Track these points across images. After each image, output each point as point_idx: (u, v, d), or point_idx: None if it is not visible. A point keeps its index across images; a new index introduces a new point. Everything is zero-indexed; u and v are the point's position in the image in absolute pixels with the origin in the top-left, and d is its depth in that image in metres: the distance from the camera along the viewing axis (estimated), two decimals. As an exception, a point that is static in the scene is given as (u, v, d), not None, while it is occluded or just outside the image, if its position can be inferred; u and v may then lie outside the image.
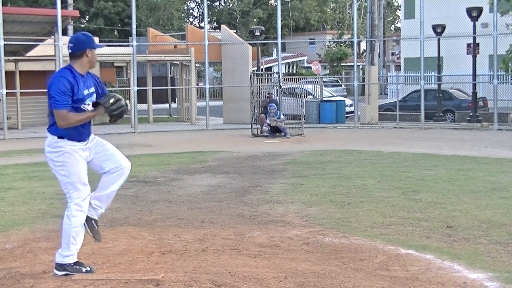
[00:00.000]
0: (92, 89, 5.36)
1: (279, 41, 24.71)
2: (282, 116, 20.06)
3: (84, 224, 5.41)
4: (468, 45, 27.93)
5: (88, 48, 5.26)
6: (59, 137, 5.23)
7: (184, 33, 29.82)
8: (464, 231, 6.99)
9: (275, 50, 50.57)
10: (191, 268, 5.53)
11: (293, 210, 8.30)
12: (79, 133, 5.29)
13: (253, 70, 24.71)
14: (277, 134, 19.95)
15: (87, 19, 53.72)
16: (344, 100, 27.38)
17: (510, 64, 22.27)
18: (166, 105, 33.36)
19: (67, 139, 5.23)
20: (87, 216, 5.43)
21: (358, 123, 23.79)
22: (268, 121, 19.92)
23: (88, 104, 5.31)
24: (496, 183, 10.19)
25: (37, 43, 24.52)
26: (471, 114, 22.99)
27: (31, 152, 16.39)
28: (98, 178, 5.55)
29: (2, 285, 5.18)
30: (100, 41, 32.94)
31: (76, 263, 5.34)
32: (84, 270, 5.33)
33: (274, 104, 20.10)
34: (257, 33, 26.60)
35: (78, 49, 5.24)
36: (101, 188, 5.49)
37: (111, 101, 5.29)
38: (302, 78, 39.48)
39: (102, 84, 5.57)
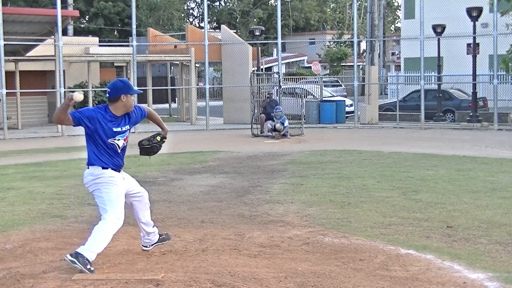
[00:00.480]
0: (126, 127, 5.77)
1: (279, 41, 24.71)
2: (286, 122, 19.90)
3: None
4: (468, 45, 27.94)
5: (123, 94, 5.64)
6: (103, 168, 5.63)
7: (184, 33, 29.81)
8: (464, 231, 6.99)
9: (275, 50, 50.56)
10: (191, 268, 5.54)
11: (293, 210, 8.30)
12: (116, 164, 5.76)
13: (253, 70, 24.70)
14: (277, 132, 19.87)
15: (87, 19, 53.71)
16: (344, 100, 27.37)
17: (510, 64, 22.26)
18: (166, 105, 33.35)
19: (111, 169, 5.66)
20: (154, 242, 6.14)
21: (358, 123, 23.78)
22: (270, 125, 19.76)
23: (119, 140, 5.73)
24: (496, 183, 10.19)
25: (37, 43, 24.52)
26: (471, 114, 22.98)
27: (31, 152, 16.39)
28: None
29: (2, 285, 5.18)
30: (100, 41, 33.00)
31: (88, 260, 5.41)
32: (88, 267, 5.39)
33: (280, 107, 19.98)
34: (257, 33, 26.60)
35: (114, 94, 5.64)
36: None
37: (145, 141, 6.17)
38: (302, 78, 39.47)
39: (136, 111, 5.90)
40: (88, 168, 5.67)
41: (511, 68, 22.39)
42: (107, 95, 5.68)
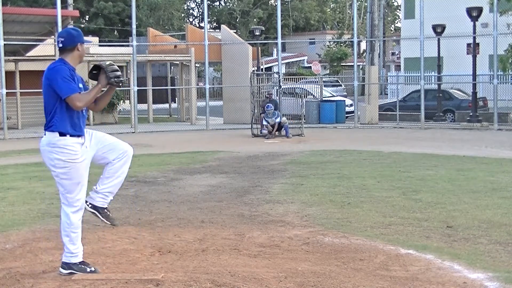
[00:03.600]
0: (81, 85, 5.35)
1: (279, 41, 24.71)
2: (283, 118, 19.97)
3: (97, 214, 5.48)
4: (468, 45, 27.96)
5: (79, 42, 5.31)
6: (60, 134, 5.17)
7: (184, 33, 29.82)
8: (464, 231, 6.98)
9: (275, 50, 50.55)
10: (191, 268, 5.53)
11: (293, 210, 8.30)
12: (76, 127, 5.24)
13: (253, 70, 24.71)
14: (277, 133, 19.90)
15: (87, 19, 53.71)
16: (344, 100, 27.38)
17: (508, 64, 22.26)
18: (166, 105, 33.36)
19: (69, 135, 5.18)
20: (98, 206, 5.47)
21: (358, 123, 23.78)
22: (264, 122, 19.85)
23: None
24: (496, 183, 10.19)
25: (37, 43, 24.52)
26: (471, 114, 22.98)
27: (31, 152, 16.38)
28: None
29: (2, 285, 5.18)
30: (100, 41, 33.01)
31: (81, 263, 5.36)
32: (88, 270, 5.34)
33: (271, 105, 20.02)
34: (257, 33, 26.60)
35: (70, 43, 5.26)
36: (109, 176, 5.47)
37: (108, 63, 5.36)
38: (302, 78, 39.47)
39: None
40: (45, 134, 5.25)
41: (508, 67, 22.39)
42: (60, 45, 5.21)
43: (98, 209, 5.48)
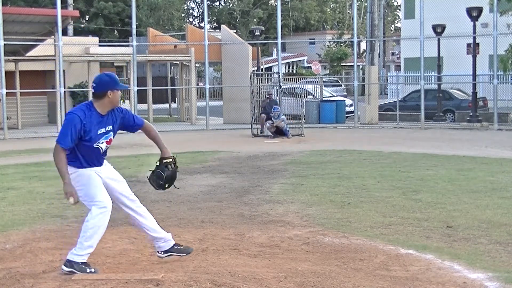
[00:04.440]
0: (109, 128, 5.44)
1: (279, 41, 24.71)
2: (282, 116, 20.01)
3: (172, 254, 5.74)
4: (468, 45, 27.93)
5: (110, 89, 5.32)
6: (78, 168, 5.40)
7: (184, 33, 29.81)
8: (464, 231, 6.99)
9: (275, 50, 50.54)
10: (191, 268, 5.53)
11: (293, 210, 8.30)
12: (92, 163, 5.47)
13: (253, 70, 24.71)
14: (279, 135, 19.89)
15: (87, 19, 53.70)
16: (344, 100, 27.37)
17: (509, 65, 22.24)
18: (166, 105, 33.35)
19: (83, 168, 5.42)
20: (166, 249, 5.75)
21: (358, 123, 23.78)
22: (268, 124, 19.82)
23: (102, 143, 5.42)
24: (496, 183, 10.19)
25: (37, 43, 24.51)
26: (471, 114, 22.98)
27: (31, 152, 16.39)
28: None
29: (2, 285, 5.18)
30: (100, 41, 32.98)
31: (83, 263, 5.38)
32: (88, 271, 5.34)
33: (278, 107, 20.03)
34: (257, 33, 26.60)
35: (100, 89, 5.32)
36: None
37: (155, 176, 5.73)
38: (302, 78, 39.46)
39: (128, 115, 5.58)
40: None
41: (509, 68, 22.39)
42: (93, 90, 5.35)
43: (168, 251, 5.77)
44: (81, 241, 5.38)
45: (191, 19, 69.24)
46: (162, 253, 5.74)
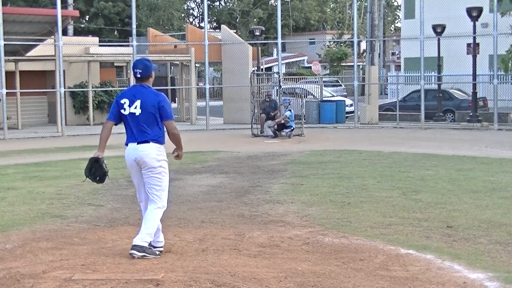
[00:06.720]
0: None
1: (279, 41, 24.71)
2: (289, 112, 19.96)
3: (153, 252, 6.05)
4: (468, 45, 27.91)
5: (153, 70, 6.15)
6: (162, 145, 6.35)
7: (184, 33, 29.80)
8: (464, 231, 6.99)
9: (275, 50, 50.56)
10: (191, 268, 5.53)
11: (293, 210, 8.30)
12: None
13: (253, 70, 24.69)
14: (281, 133, 19.83)
15: (87, 19, 53.70)
16: (344, 100, 27.36)
17: (510, 64, 22.23)
18: (166, 105, 33.30)
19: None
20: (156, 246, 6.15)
21: (358, 123, 23.78)
22: (269, 125, 19.81)
23: None
24: (496, 183, 10.19)
25: (37, 43, 24.50)
26: (471, 114, 22.98)
27: (31, 152, 16.39)
28: None
29: (2, 285, 5.18)
30: (100, 41, 32.96)
31: (152, 246, 5.96)
32: (158, 253, 5.96)
33: (288, 98, 20.07)
34: (257, 33, 26.57)
35: (148, 72, 6.09)
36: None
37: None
38: (302, 78, 39.45)
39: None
40: (149, 142, 6.26)
41: (510, 68, 22.38)
42: (139, 75, 5.99)
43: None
44: (147, 229, 5.93)
45: (191, 19, 69.23)
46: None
